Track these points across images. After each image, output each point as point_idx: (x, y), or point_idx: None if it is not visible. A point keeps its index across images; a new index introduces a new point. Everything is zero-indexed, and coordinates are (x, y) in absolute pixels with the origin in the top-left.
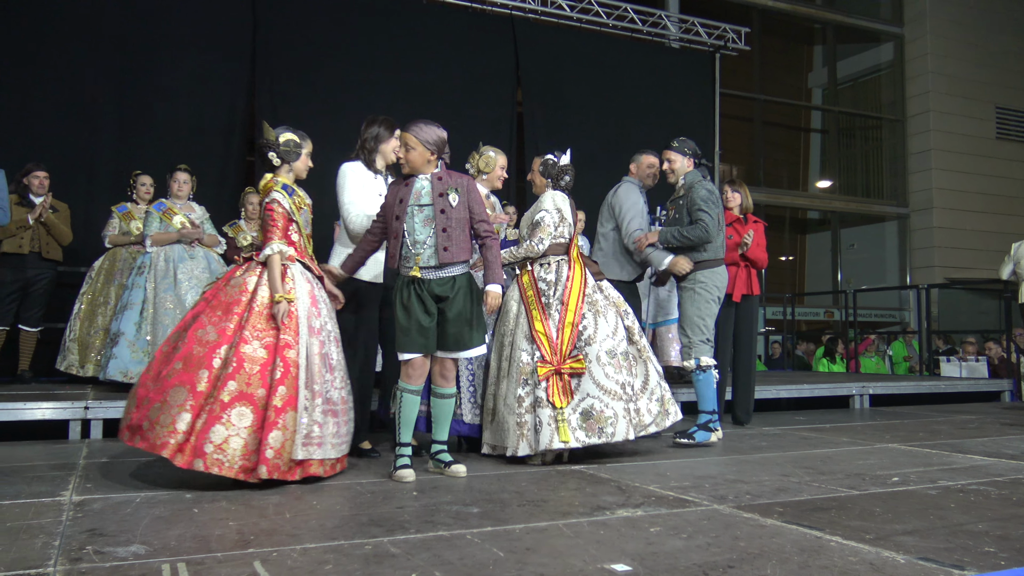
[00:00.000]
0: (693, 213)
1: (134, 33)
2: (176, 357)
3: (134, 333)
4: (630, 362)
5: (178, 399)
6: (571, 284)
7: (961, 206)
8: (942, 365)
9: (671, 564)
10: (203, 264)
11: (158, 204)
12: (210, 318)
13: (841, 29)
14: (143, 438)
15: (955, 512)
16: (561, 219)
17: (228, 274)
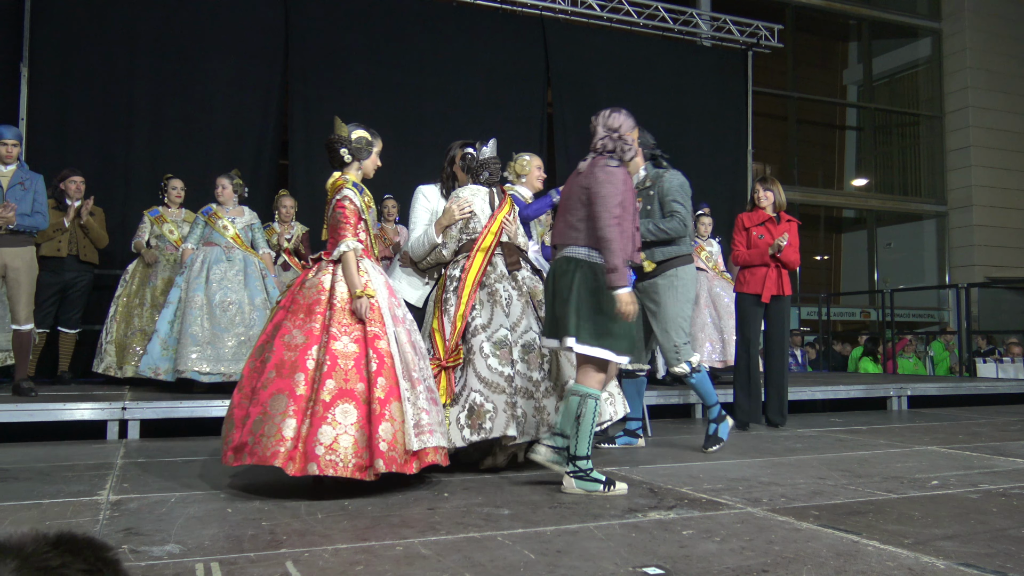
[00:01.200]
0: (667, 204)
1: (170, 40)
2: (268, 367)
3: (167, 331)
4: (532, 356)
5: (279, 407)
6: (465, 276)
7: (1002, 203)
8: (979, 366)
9: (704, 568)
10: (239, 267)
11: (206, 209)
12: (293, 322)
13: (877, 25)
14: (250, 454)
15: (997, 517)
16: (471, 215)
17: (300, 277)
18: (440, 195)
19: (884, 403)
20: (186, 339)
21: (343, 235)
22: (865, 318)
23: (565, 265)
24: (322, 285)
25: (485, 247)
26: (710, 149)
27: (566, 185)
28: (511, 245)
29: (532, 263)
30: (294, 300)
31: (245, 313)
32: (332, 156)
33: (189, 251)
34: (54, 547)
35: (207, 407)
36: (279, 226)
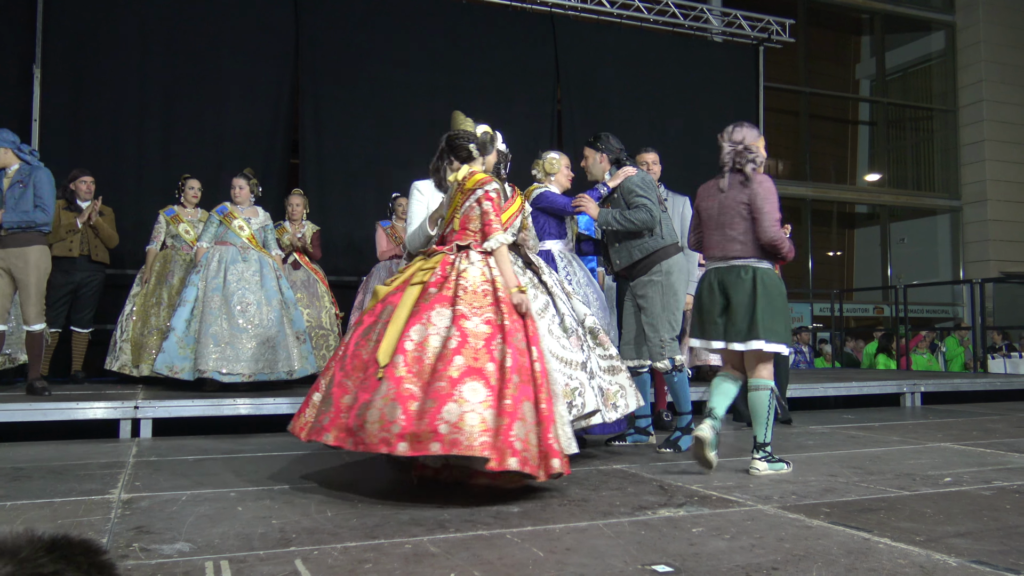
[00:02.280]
0: (631, 200)
1: (180, 41)
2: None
3: (184, 330)
4: None
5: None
6: None
7: (1017, 198)
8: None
9: (713, 566)
10: (255, 267)
11: (220, 208)
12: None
13: (889, 18)
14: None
15: (1010, 514)
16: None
17: (417, 266)
18: (434, 189)
19: (897, 399)
20: (206, 339)
21: (494, 228)
22: (878, 314)
23: (739, 274)
24: (484, 276)
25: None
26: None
27: (706, 201)
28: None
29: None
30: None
31: (263, 314)
32: (457, 151)
33: (204, 249)
34: (48, 552)
35: (219, 406)
36: (290, 224)
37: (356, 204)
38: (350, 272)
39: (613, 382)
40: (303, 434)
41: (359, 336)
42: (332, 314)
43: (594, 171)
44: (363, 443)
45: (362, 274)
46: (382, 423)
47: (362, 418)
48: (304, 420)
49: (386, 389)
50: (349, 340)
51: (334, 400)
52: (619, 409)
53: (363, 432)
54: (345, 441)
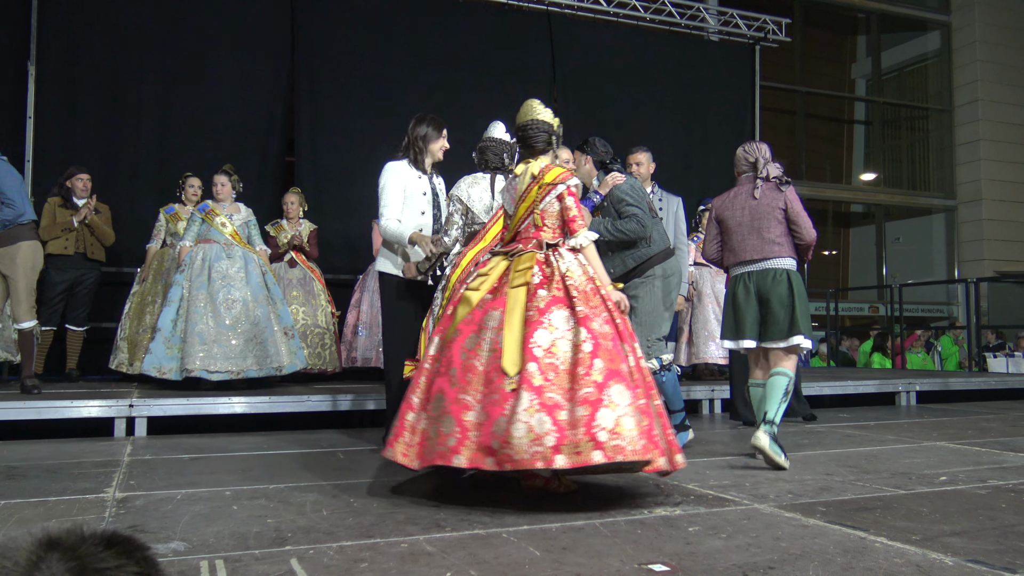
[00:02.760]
0: (621, 209)
1: (175, 35)
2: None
3: (170, 330)
4: None
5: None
6: (451, 275)
7: (1012, 197)
8: (989, 361)
9: (710, 565)
10: (240, 264)
11: (202, 206)
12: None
13: (885, 18)
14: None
15: (1006, 512)
16: (466, 208)
17: (507, 265)
18: (409, 167)
19: (893, 398)
20: (193, 338)
21: (579, 224)
22: (874, 313)
23: (775, 276)
24: (586, 274)
25: (479, 248)
26: (717, 144)
27: (731, 211)
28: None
29: None
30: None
31: (250, 310)
32: (532, 142)
33: (187, 248)
34: (107, 547)
35: (214, 404)
36: (287, 222)
37: (352, 202)
38: (347, 270)
39: None
40: (412, 460)
41: (461, 347)
42: (328, 312)
43: (579, 174)
44: (510, 460)
45: (358, 272)
46: (532, 437)
47: (504, 434)
48: (406, 444)
49: (527, 401)
50: (449, 353)
51: (455, 419)
52: None
53: (509, 448)
54: (483, 461)
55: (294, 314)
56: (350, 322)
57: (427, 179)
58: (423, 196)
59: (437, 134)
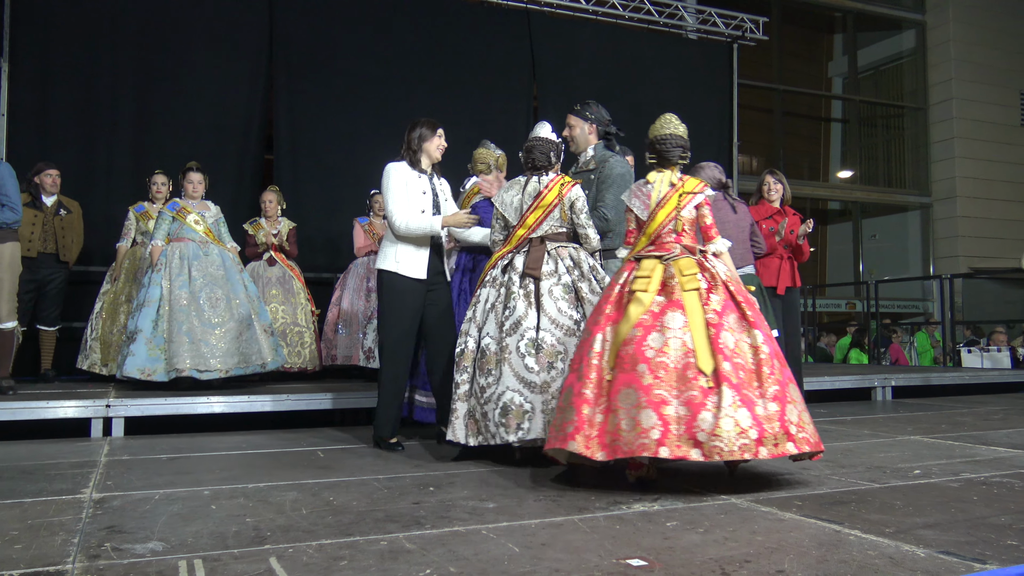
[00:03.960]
0: (601, 195)
1: (151, 31)
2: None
3: (151, 330)
4: (485, 361)
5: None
6: (484, 272)
7: (985, 194)
8: (963, 356)
9: (687, 559)
10: (217, 261)
11: (171, 204)
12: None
13: (861, 17)
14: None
15: (977, 505)
16: (499, 214)
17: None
18: (408, 168)
19: (869, 393)
20: (180, 338)
21: (715, 232)
22: (851, 309)
23: (749, 281)
24: (737, 279)
25: (502, 251)
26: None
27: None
28: (540, 239)
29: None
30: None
31: (233, 307)
32: (667, 154)
33: (159, 248)
34: None
35: (192, 404)
36: (265, 221)
37: (332, 200)
38: (326, 268)
39: (530, 400)
40: (595, 452)
41: (645, 345)
42: (308, 311)
43: (579, 142)
44: (719, 452)
45: (338, 270)
46: (738, 431)
47: (713, 428)
48: (586, 437)
49: (730, 397)
50: (632, 350)
51: (656, 412)
52: (520, 432)
53: (719, 441)
54: (688, 453)
55: (273, 313)
56: (330, 320)
57: (427, 179)
58: (423, 195)
59: (431, 134)
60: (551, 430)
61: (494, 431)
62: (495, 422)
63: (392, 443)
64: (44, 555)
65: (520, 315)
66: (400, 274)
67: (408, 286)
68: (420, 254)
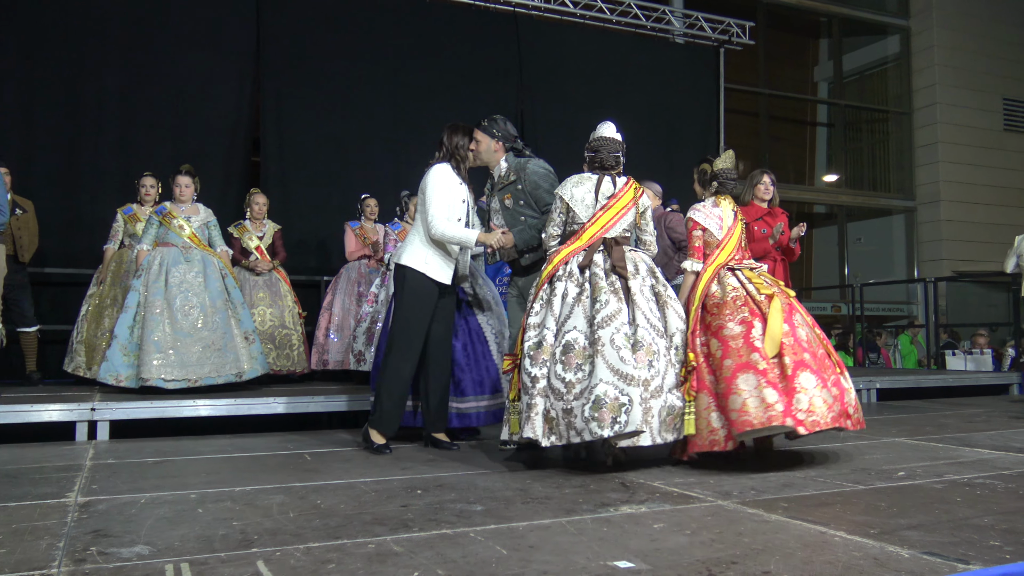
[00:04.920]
0: (539, 197)
1: (138, 32)
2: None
3: (127, 336)
4: (570, 356)
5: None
6: (542, 272)
7: (969, 199)
8: (947, 359)
9: (674, 560)
10: (198, 267)
11: (159, 208)
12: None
13: (847, 22)
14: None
15: (961, 506)
16: (567, 207)
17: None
18: (453, 174)
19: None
20: (149, 346)
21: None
22: (836, 312)
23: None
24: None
25: (574, 247)
26: (682, 145)
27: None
28: (602, 241)
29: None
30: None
31: (208, 316)
32: (728, 185)
33: (144, 252)
34: None
35: (179, 407)
36: (251, 224)
37: (321, 203)
38: (314, 271)
39: (627, 392)
40: (820, 423)
41: (794, 335)
42: (295, 313)
43: (485, 157)
44: (860, 423)
45: (327, 273)
46: (855, 405)
47: (855, 403)
48: (803, 410)
49: (846, 380)
50: (791, 342)
51: (829, 390)
52: (616, 426)
53: (858, 413)
54: (845, 423)
55: (260, 315)
56: (322, 325)
57: (466, 187)
58: (461, 204)
59: (469, 141)
60: (745, 413)
61: (581, 427)
62: (584, 417)
63: (383, 444)
64: (29, 559)
65: (614, 309)
66: (427, 275)
67: (430, 288)
68: (449, 261)
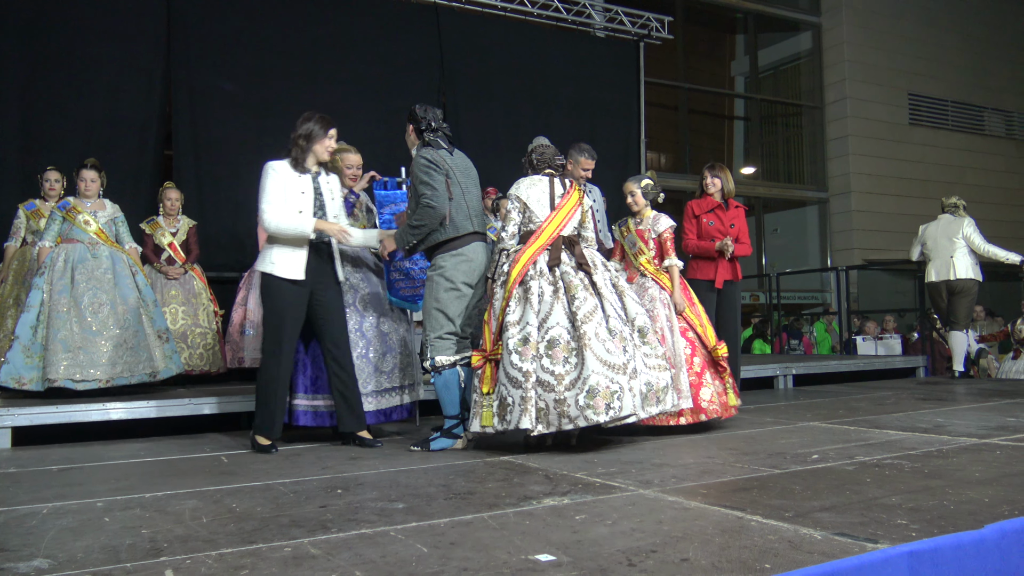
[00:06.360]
0: (417, 190)
1: (41, 19)
2: None
3: (29, 337)
4: (556, 350)
5: None
6: (511, 272)
7: (877, 190)
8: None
9: (595, 551)
10: (106, 264)
11: (62, 203)
12: None
13: (761, 18)
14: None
15: (870, 487)
16: (524, 207)
17: None
18: (288, 166)
19: (771, 382)
20: (55, 345)
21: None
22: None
23: None
24: None
25: (539, 244)
26: (604, 138)
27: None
28: (562, 239)
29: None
30: None
31: (119, 314)
32: (643, 205)
33: (47, 249)
34: None
35: (87, 411)
36: (163, 220)
37: (238, 198)
38: (230, 268)
39: (660, 379)
40: None
41: None
42: (211, 312)
43: (408, 145)
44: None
45: (242, 270)
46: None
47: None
48: None
49: None
50: None
51: None
52: (661, 404)
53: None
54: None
55: (173, 314)
56: (235, 321)
57: (309, 178)
58: (301, 195)
59: (323, 133)
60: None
61: (575, 415)
62: (579, 405)
63: (268, 445)
64: None
65: (592, 305)
66: (276, 276)
67: (285, 288)
68: (297, 255)
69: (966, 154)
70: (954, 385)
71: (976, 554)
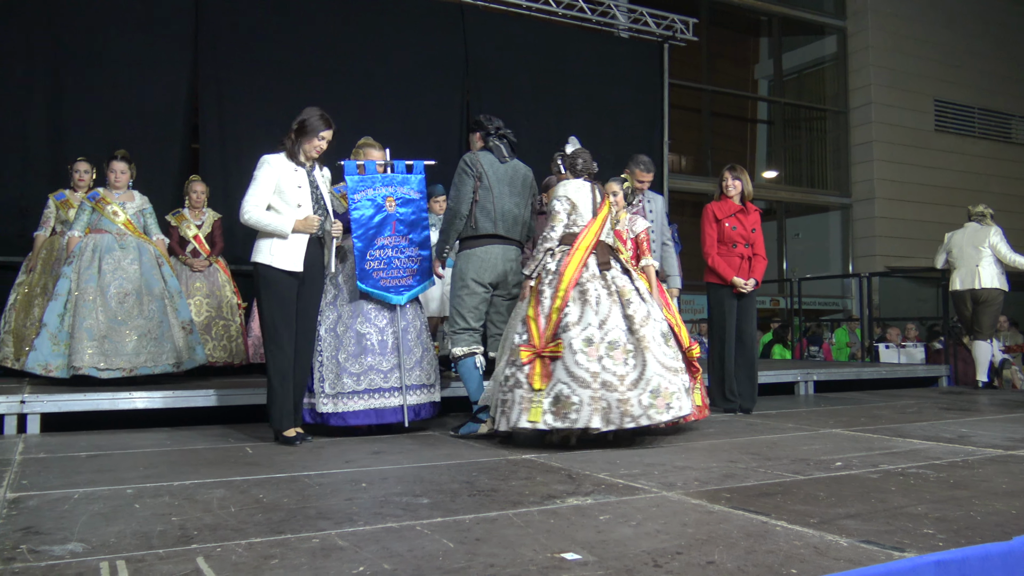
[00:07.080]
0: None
1: (70, 13)
2: None
3: (56, 325)
4: (617, 352)
5: None
6: (563, 272)
7: (901, 196)
8: (881, 351)
9: (620, 552)
10: (133, 255)
11: (92, 194)
12: None
13: (786, 21)
14: None
15: (896, 495)
16: (572, 207)
17: None
18: (284, 160)
19: (792, 388)
20: (80, 334)
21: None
22: (775, 306)
23: None
24: None
25: (585, 246)
26: (627, 140)
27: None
28: (604, 244)
29: (622, 263)
30: None
31: (144, 304)
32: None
33: (75, 239)
34: None
35: (114, 400)
36: (189, 212)
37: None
38: None
39: (685, 381)
40: None
41: None
42: (234, 304)
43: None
44: None
45: None
46: None
47: None
48: None
49: None
50: None
51: None
52: (672, 411)
53: None
54: None
55: (197, 306)
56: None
57: (304, 172)
58: (298, 189)
59: (316, 132)
60: None
61: (639, 413)
62: (642, 405)
63: (291, 436)
64: None
65: (645, 311)
66: (273, 266)
67: (282, 278)
68: (295, 247)
69: (992, 162)
70: (977, 395)
71: (1003, 565)
